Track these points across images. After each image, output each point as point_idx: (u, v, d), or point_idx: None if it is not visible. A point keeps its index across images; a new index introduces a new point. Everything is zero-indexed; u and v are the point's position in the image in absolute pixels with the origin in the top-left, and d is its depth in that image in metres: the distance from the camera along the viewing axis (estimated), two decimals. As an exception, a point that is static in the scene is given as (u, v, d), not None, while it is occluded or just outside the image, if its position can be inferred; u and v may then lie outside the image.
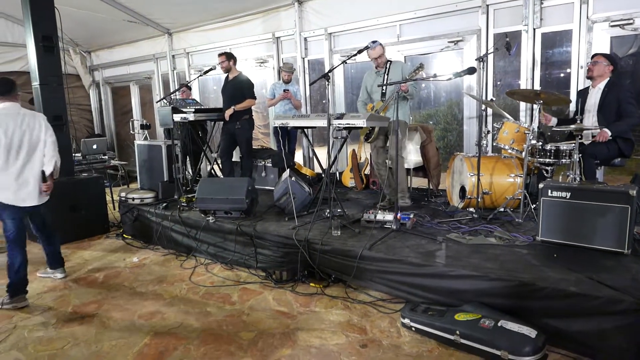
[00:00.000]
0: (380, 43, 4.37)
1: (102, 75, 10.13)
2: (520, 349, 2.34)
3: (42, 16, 4.89)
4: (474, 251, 3.15)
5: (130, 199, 5.08)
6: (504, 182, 4.03)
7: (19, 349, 2.83)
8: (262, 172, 5.87)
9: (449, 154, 5.30)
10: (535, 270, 2.75)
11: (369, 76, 4.59)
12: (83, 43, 9.74)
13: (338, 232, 3.64)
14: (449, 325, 2.62)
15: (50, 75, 5.00)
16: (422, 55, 5.56)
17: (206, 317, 3.16)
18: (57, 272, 4.02)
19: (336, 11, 6.04)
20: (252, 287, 3.65)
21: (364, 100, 4.66)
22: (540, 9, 4.61)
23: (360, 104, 4.69)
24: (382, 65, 4.39)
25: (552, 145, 3.73)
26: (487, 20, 4.93)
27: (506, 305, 2.64)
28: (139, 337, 2.91)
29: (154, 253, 4.66)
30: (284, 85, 6.15)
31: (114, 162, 6.72)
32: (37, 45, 4.88)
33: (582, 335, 2.44)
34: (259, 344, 2.77)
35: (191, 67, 8.11)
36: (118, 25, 7.92)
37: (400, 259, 3.10)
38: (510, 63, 5.03)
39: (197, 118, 5.26)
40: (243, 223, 4.06)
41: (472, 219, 3.87)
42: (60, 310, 3.37)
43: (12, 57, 9.06)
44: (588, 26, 4.44)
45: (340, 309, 3.19)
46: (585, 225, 3.01)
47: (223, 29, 7.33)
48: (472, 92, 5.09)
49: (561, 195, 3.08)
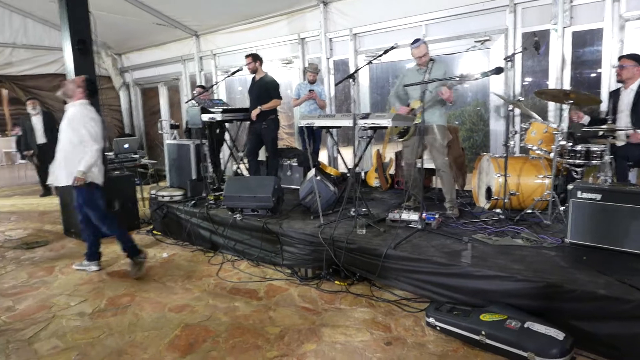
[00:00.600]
0: (424, 41, 4.19)
1: (132, 76, 10.44)
2: (548, 351, 2.33)
3: (77, 21, 5.09)
4: (500, 252, 3.13)
5: (160, 196, 5.24)
6: (532, 183, 3.98)
7: (58, 336, 2.97)
8: (288, 171, 5.95)
9: (475, 155, 5.26)
10: (563, 272, 2.72)
11: (410, 72, 4.36)
12: (114, 45, 10.06)
13: (363, 230, 3.67)
14: (475, 325, 2.62)
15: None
16: (448, 55, 5.53)
17: (234, 311, 3.25)
18: (92, 265, 4.21)
19: (361, 12, 6.07)
20: (278, 284, 3.72)
21: (397, 93, 4.44)
22: (570, 7, 4.53)
23: (393, 97, 4.47)
24: (424, 64, 4.18)
25: (583, 146, 3.66)
26: (515, 19, 4.87)
27: (533, 306, 2.63)
28: (170, 328, 3.02)
29: (183, 249, 4.80)
30: (309, 85, 6.21)
31: (144, 161, 6.92)
32: (73, 48, 5.08)
33: (612, 339, 2.41)
34: (285, 338, 2.83)
35: (218, 68, 8.28)
36: (147, 28, 8.16)
37: (426, 259, 3.11)
38: (539, 62, 4.95)
39: (224, 118, 5.38)
40: (269, 221, 4.14)
41: (498, 220, 3.84)
42: (95, 302, 3.51)
43: (48, 60, 9.45)
44: (620, 24, 4.34)
45: (365, 306, 3.22)
46: (616, 227, 2.96)
47: (249, 30, 7.45)
48: (500, 92, 5.04)
49: (591, 196, 3.04)
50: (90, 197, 3.95)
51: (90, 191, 3.93)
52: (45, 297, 3.65)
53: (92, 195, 3.95)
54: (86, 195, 3.93)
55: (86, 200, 3.93)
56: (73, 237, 5.27)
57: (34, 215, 6.64)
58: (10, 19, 8.69)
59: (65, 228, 5.45)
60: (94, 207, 3.96)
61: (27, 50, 9.10)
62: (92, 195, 3.95)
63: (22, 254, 4.79)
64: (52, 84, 9.71)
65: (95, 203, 3.97)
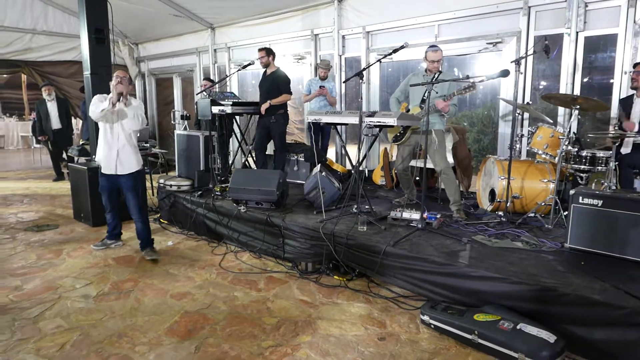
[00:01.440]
0: (440, 49, 4.24)
1: (147, 66, 10.58)
2: (538, 353, 2.35)
3: (95, 9, 5.19)
4: (498, 254, 3.15)
5: (169, 185, 5.34)
6: (536, 187, 3.97)
7: (62, 317, 3.07)
8: (295, 166, 6.01)
9: (483, 157, 5.24)
10: (559, 276, 2.73)
11: (415, 78, 4.42)
12: (131, 35, 10.20)
13: (364, 227, 3.71)
14: (468, 324, 2.65)
15: (100, 65, 5.30)
16: (459, 56, 5.52)
17: (233, 301, 3.31)
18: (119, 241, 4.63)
19: (375, 10, 6.08)
20: (278, 276, 3.78)
21: (397, 97, 4.54)
22: (585, 11, 4.49)
23: (393, 101, 4.56)
24: (433, 71, 4.22)
25: (588, 152, 3.65)
26: (528, 22, 4.83)
27: (527, 308, 2.65)
28: (170, 314, 3.10)
29: (187, 238, 4.89)
30: (320, 81, 6.24)
31: (154, 150, 7.03)
32: (90, 37, 5.18)
33: (604, 344, 2.42)
34: (281, 329, 2.89)
35: (231, 61, 8.35)
36: (164, 19, 8.26)
37: (424, 257, 3.14)
38: (551, 67, 4.91)
39: (234, 111, 5.44)
40: (272, 214, 4.20)
41: (500, 223, 3.84)
42: (100, 285, 3.61)
43: (67, 47, 9.62)
44: (635, 30, 4.29)
45: (362, 302, 3.27)
46: (616, 234, 2.95)
47: (263, 25, 7.51)
48: (509, 95, 5.01)
49: (593, 202, 3.04)
50: (139, 182, 4.29)
51: (141, 177, 4.31)
52: (52, 278, 3.75)
53: (141, 181, 4.33)
54: (138, 180, 4.24)
55: (135, 185, 4.19)
56: (82, 221, 5.39)
57: (46, 199, 6.80)
58: (32, 5, 8.87)
59: (75, 213, 5.58)
60: (140, 193, 4.28)
61: (47, 36, 9.28)
62: (141, 181, 4.34)
63: (32, 235, 4.93)
64: (69, 70, 9.89)
65: (142, 189, 4.38)
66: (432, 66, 4.19)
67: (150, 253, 4.20)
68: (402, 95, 4.53)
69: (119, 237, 4.62)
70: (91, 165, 5.23)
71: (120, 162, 4.10)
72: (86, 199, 5.21)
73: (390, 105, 4.58)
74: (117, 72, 3.98)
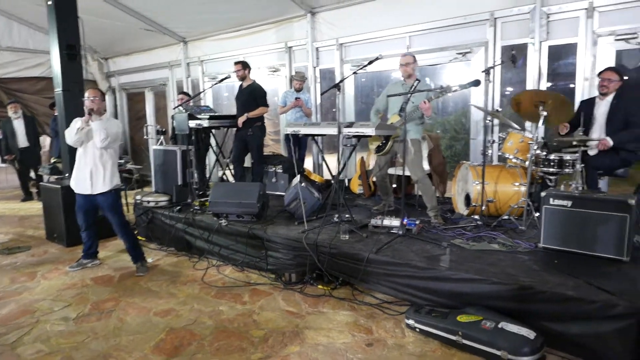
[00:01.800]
0: (413, 55, 4.38)
1: (118, 81, 10.42)
2: (519, 349, 2.44)
3: (66, 25, 5.12)
4: (477, 256, 3.26)
5: (146, 201, 5.26)
6: (508, 191, 4.13)
7: (42, 341, 2.99)
8: (273, 177, 6.03)
9: (456, 163, 5.40)
10: (535, 275, 2.85)
11: (394, 87, 4.50)
12: (101, 50, 10.05)
13: (346, 236, 3.77)
14: (452, 326, 2.73)
15: (72, 81, 5.21)
16: (430, 66, 5.70)
17: (219, 315, 3.30)
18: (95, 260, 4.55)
19: (347, 22, 6.21)
20: (262, 288, 3.78)
21: (377, 108, 4.60)
22: (547, 22, 4.73)
23: (373, 113, 4.62)
24: (407, 77, 4.33)
25: (556, 155, 3.83)
26: (495, 32, 5.06)
27: (506, 307, 2.75)
28: (155, 332, 3.06)
29: (167, 254, 4.83)
30: (295, 93, 6.31)
31: (129, 166, 6.91)
32: (62, 53, 5.10)
33: (579, 338, 2.54)
34: (269, 341, 2.90)
35: (205, 74, 8.33)
36: (135, 33, 8.20)
37: (406, 263, 3.22)
38: (517, 74, 5.14)
39: (211, 124, 5.44)
40: (254, 227, 4.21)
41: (476, 226, 3.97)
42: (79, 307, 3.52)
43: (33, 63, 9.37)
44: (593, 40, 4.55)
45: (347, 310, 3.31)
46: (585, 233, 3.11)
47: (237, 38, 7.54)
48: (480, 102, 5.20)
49: (562, 203, 3.19)
50: (117, 201, 4.24)
51: (118, 195, 4.25)
52: (28, 302, 3.64)
53: (118, 200, 4.26)
54: (115, 199, 4.20)
55: (113, 204, 4.17)
56: (56, 242, 5.25)
57: (15, 220, 6.58)
58: (-6, 21, 8.63)
59: (48, 233, 5.43)
60: (119, 211, 4.25)
61: (12, 52, 9.02)
62: (119, 200, 4.28)
63: (3, 259, 4.76)
64: (35, 87, 9.63)
65: (120, 207, 4.30)
66: (402, 69, 4.32)
67: (140, 269, 4.24)
68: (382, 106, 4.58)
69: (96, 256, 4.54)
70: (64, 184, 5.11)
71: (95, 181, 4.07)
72: (59, 219, 5.08)
73: (371, 117, 4.64)
74: (88, 92, 4.03)
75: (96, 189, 4.08)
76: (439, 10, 5.38)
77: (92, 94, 4.00)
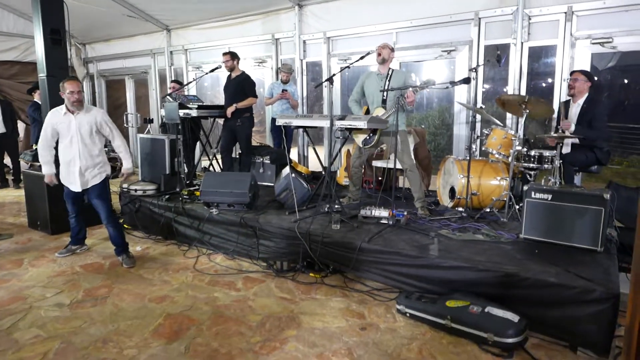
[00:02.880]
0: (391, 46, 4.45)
1: (96, 67, 10.19)
2: (504, 332, 2.63)
3: (51, 10, 5.00)
4: (464, 246, 3.44)
5: (133, 190, 5.24)
6: (491, 184, 4.34)
7: (38, 326, 2.99)
8: (260, 168, 6.09)
9: (438, 157, 5.60)
10: (519, 263, 3.05)
11: (368, 78, 4.51)
12: (78, 35, 9.79)
13: (337, 226, 3.89)
14: (441, 311, 2.89)
15: (57, 67, 5.11)
16: (416, 62, 5.86)
17: (214, 301, 3.37)
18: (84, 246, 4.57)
19: (335, 16, 6.30)
20: (255, 276, 3.87)
21: (356, 99, 4.61)
22: (529, 24, 4.95)
23: (353, 104, 4.62)
24: (381, 62, 4.37)
25: (536, 152, 4.05)
26: (479, 32, 5.25)
27: (492, 293, 2.93)
28: (153, 317, 3.11)
29: (156, 242, 4.84)
30: (282, 85, 6.37)
31: (113, 154, 6.82)
32: (46, 38, 4.98)
33: (559, 321, 2.74)
34: (266, 325, 3.00)
35: (189, 63, 8.27)
36: (116, 19, 8.03)
37: (397, 251, 3.37)
38: (499, 72, 5.37)
39: (199, 114, 5.44)
40: (246, 216, 4.27)
41: (461, 218, 4.15)
42: (72, 293, 3.53)
43: (7, 46, 9.07)
44: (571, 42, 4.79)
45: (339, 296, 3.44)
46: (564, 224, 3.32)
47: (223, 28, 7.51)
48: (463, 99, 5.41)
49: (543, 197, 3.39)
50: (106, 189, 4.18)
51: (106, 183, 4.20)
52: (17, 289, 3.62)
53: (107, 188, 4.21)
54: (103, 188, 4.15)
55: (101, 192, 4.12)
56: (39, 229, 5.17)
57: (-7, 208, 6.41)
58: (-34, 2, 8.30)
59: (30, 221, 5.34)
60: (107, 199, 4.19)
61: (-16, 35, 8.71)
62: (107, 188, 4.22)
63: (-14, 246, 4.68)
64: (10, 71, 9.33)
65: (109, 195, 4.23)
66: (381, 58, 4.35)
67: (127, 261, 4.15)
68: (359, 96, 4.61)
69: (84, 242, 4.53)
70: (49, 171, 5.03)
71: (87, 177, 4.06)
72: (44, 206, 5.01)
73: (352, 108, 4.66)
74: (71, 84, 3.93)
75: (88, 184, 4.07)
76: (426, 8, 5.53)
77: (76, 87, 3.93)
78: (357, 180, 4.85)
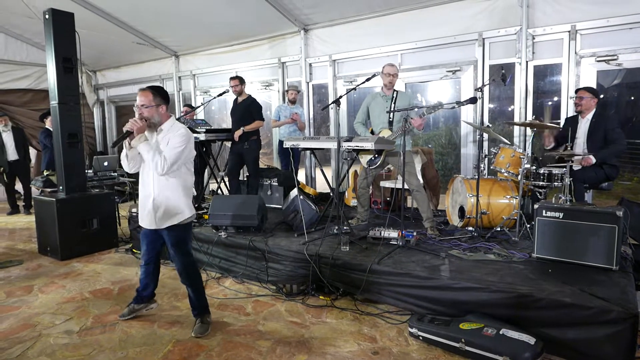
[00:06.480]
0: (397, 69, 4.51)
1: (106, 94, 10.39)
2: (521, 355, 2.56)
3: (63, 39, 5.14)
4: (475, 266, 3.39)
5: (142, 214, 5.25)
6: (501, 203, 4.30)
7: (47, 354, 2.97)
8: (268, 190, 6.10)
9: (446, 176, 5.59)
10: (532, 283, 2.99)
11: (373, 100, 4.54)
12: (89, 62, 10.03)
13: (347, 247, 3.86)
14: (455, 333, 2.83)
15: (68, 94, 5.23)
16: (421, 83, 5.91)
17: (223, 326, 3.33)
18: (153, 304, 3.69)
19: (340, 39, 6.40)
20: (264, 300, 3.83)
21: (361, 121, 4.64)
22: (533, 43, 4.99)
23: (359, 125, 4.65)
24: (389, 89, 4.43)
25: (545, 169, 4.02)
26: (484, 52, 5.30)
27: (506, 315, 2.87)
28: (162, 344, 3.08)
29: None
30: (289, 107, 6.44)
31: (122, 179, 6.90)
32: (58, 66, 5.11)
33: (575, 343, 2.67)
34: (276, 350, 2.95)
35: (197, 88, 8.41)
36: (126, 47, 8.23)
37: (408, 272, 3.33)
38: (505, 91, 5.39)
39: (207, 138, 5.50)
40: (255, 239, 4.27)
41: (471, 237, 4.11)
42: (81, 320, 3.51)
43: (20, 75, 9.31)
44: (576, 60, 4.82)
45: (350, 319, 3.39)
46: (576, 243, 3.28)
47: (230, 52, 7.66)
48: (469, 118, 5.42)
49: (554, 215, 3.35)
50: (185, 237, 3.24)
51: (187, 230, 3.24)
52: (27, 316, 3.61)
53: (187, 235, 3.26)
54: (181, 235, 3.19)
55: (177, 240, 3.16)
56: (49, 255, 5.19)
57: (4, 234, 6.46)
58: (-18, 33, 8.57)
59: (41, 247, 5.37)
60: (186, 250, 3.24)
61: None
62: (187, 235, 3.27)
63: (-3, 273, 4.70)
64: (22, 99, 9.55)
65: (188, 244, 3.29)
66: (389, 79, 4.40)
67: (200, 327, 3.20)
68: (364, 118, 4.66)
69: (152, 299, 3.62)
70: (59, 197, 5.09)
71: (159, 214, 3.09)
72: (54, 232, 5.04)
73: (357, 130, 4.71)
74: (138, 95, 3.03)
75: (162, 224, 3.11)
76: (430, 30, 5.61)
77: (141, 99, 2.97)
78: (365, 201, 4.83)
